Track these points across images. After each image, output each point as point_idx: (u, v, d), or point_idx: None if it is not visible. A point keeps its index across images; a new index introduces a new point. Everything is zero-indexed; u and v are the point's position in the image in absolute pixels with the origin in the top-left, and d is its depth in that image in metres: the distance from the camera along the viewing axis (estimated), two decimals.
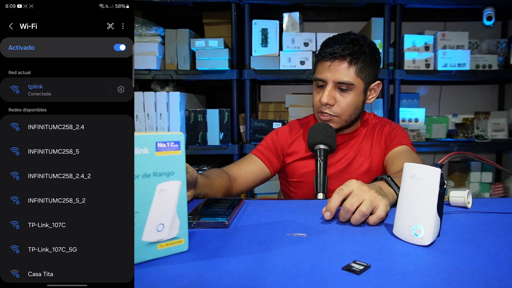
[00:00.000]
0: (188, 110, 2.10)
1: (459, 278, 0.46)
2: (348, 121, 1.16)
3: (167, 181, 0.54)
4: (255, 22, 2.08)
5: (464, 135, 2.38)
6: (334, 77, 1.10)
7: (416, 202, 0.59)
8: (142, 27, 2.03)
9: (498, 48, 2.41)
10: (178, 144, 0.55)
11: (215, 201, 0.85)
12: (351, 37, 1.11)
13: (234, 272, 0.49)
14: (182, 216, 0.56)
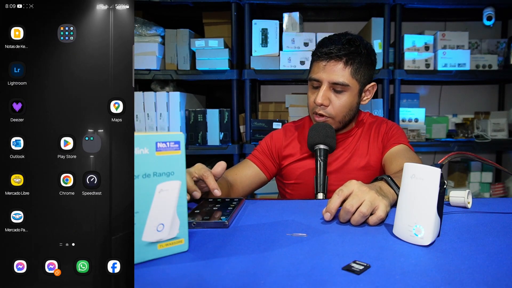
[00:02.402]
0: (188, 110, 2.10)
1: (459, 278, 0.46)
2: (342, 122, 1.16)
3: (167, 181, 0.54)
4: (255, 22, 2.08)
5: (464, 135, 2.38)
6: (330, 77, 1.10)
7: (416, 202, 0.59)
8: (142, 27, 2.03)
9: (498, 48, 2.41)
10: (178, 144, 0.55)
11: (215, 201, 0.85)
12: (348, 38, 1.11)
13: (234, 272, 0.49)
14: (182, 216, 0.56)
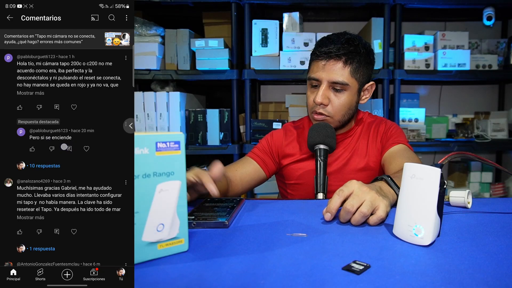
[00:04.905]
0: (188, 110, 2.10)
1: (459, 278, 0.46)
2: (342, 122, 1.16)
3: (167, 181, 0.54)
4: (255, 22, 2.08)
5: (464, 135, 2.38)
6: (329, 76, 1.10)
7: (416, 202, 0.59)
8: (142, 27, 2.03)
9: (498, 48, 2.41)
10: (178, 144, 0.55)
11: (215, 201, 0.85)
12: (347, 37, 1.11)
13: (234, 272, 0.49)
14: (182, 216, 0.56)
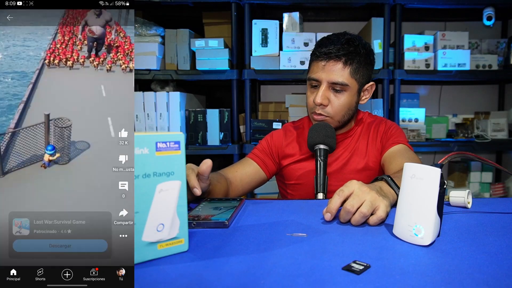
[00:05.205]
0: (188, 110, 2.10)
1: (459, 278, 0.46)
2: (341, 122, 1.16)
3: (167, 181, 0.54)
4: (255, 22, 2.08)
5: (464, 135, 2.38)
6: (329, 77, 1.10)
7: (416, 202, 0.59)
8: (142, 27, 2.03)
9: (498, 48, 2.41)
10: (178, 144, 0.55)
11: (215, 201, 0.85)
12: (347, 38, 1.11)
13: (234, 272, 0.49)
14: (182, 216, 0.56)
